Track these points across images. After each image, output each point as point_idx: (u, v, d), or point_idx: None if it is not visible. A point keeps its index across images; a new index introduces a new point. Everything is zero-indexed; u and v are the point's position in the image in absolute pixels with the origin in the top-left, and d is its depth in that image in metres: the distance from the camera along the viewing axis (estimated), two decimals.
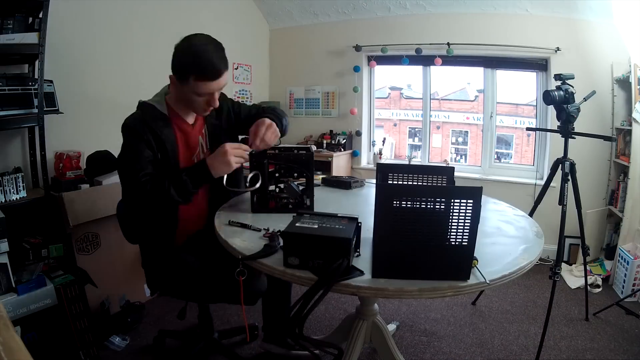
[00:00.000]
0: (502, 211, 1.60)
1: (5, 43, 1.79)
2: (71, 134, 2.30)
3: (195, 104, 1.35)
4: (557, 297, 2.22)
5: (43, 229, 1.95)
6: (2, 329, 0.48)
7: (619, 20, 2.73)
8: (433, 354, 1.93)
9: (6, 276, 1.63)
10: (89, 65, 2.43)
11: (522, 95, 3.42)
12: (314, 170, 1.46)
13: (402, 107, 3.96)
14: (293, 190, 1.45)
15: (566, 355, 1.91)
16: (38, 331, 1.73)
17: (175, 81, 1.31)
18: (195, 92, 1.30)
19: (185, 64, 1.27)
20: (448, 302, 2.41)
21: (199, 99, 1.33)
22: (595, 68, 2.87)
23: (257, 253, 1.08)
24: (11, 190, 1.88)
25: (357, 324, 1.55)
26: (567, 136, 2.04)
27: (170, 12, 2.90)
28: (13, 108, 1.87)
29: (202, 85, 1.28)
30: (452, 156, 3.84)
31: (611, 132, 2.88)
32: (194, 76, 1.27)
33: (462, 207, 0.91)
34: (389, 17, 3.49)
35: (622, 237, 2.64)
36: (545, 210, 2.23)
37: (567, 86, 2.01)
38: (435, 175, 1.44)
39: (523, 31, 3.04)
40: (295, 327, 1.02)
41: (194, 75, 1.26)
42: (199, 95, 1.31)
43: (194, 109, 1.40)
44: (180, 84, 1.30)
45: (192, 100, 1.33)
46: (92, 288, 1.95)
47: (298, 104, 4.03)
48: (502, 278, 0.99)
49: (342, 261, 0.94)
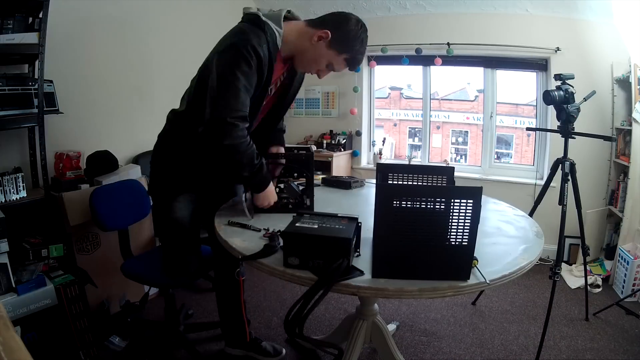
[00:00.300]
0: (502, 211, 1.60)
1: (5, 43, 1.79)
2: (71, 134, 2.30)
3: (312, 64, 1.36)
4: (557, 297, 2.22)
5: (43, 229, 1.95)
6: (2, 329, 0.48)
7: (619, 20, 2.73)
8: (433, 354, 1.93)
9: (6, 276, 1.63)
10: (89, 65, 2.43)
11: (522, 95, 3.41)
12: (314, 170, 1.47)
13: (402, 107, 3.96)
14: (293, 190, 1.46)
15: (566, 355, 1.91)
16: (38, 331, 1.73)
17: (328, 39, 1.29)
18: (329, 62, 1.33)
19: (351, 45, 1.31)
20: (448, 302, 2.41)
21: (322, 67, 1.35)
22: (595, 68, 2.87)
23: (257, 253, 1.09)
24: (11, 190, 1.88)
25: (357, 324, 1.55)
26: (567, 136, 2.04)
27: (170, 12, 2.90)
28: (13, 108, 1.87)
29: (341, 65, 1.34)
30: (452, 156, 3.84)
31: (611, 132, 2.87)
32: (347, 57, 1.33)
33: (462, 207, 0.91)
34: (389, 17, 3.49)
35: (622, 237, 2.64)
36: (545, 210, 2.23)
37: (567, 86, 2.01)
38: (435, 175, 1.44)
39: (523, 31, 3.04)
40: (295, 327, 1.02)
41: (349, 57, 1.33)
42: (328, 65, 1.35)
43: (304, 64, 1.38)
44: (329, 46, 1.30)
45: (316, 61, 1.34)
46: (92, 288, 1.95)
47: (298, 104, 4.02)
48: (502, 278, 0.99)
49: (342, 261, 0.94)
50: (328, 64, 1.35)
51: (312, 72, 1.40)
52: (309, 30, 1.33)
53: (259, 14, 1.28)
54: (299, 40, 1.34)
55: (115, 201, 1.93)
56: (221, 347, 1.91)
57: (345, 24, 1.31)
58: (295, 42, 1.34)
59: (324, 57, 1.33)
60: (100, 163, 2.20)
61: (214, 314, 2.17)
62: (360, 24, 1.33)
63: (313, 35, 1.30)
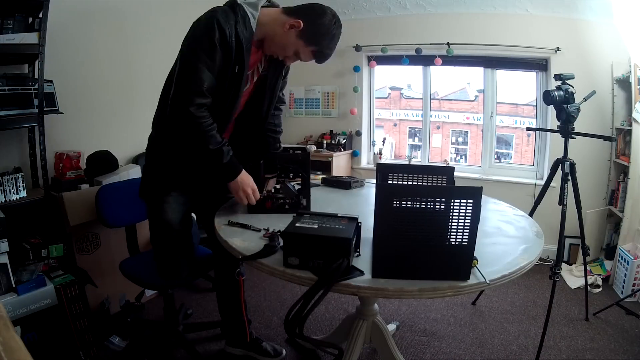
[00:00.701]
0: (502, 211, 1.60)
1: (5, 43, 1.79)
2: (71, 134, 2.30)
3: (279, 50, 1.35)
4: (557, 297, 2.22)
5: (43, 229, 1.95)
6: (2, 329, 0.48)
7: (619, 20, 2.73)
8: (433, 354, 1.93)
9: (6, 276, 1.63)
10: (89, 65, 2.43)
11: (522, 95, 3.41)
12: (314, 170, 1.47)
13: (402, 107, 3.96)
14: (289, 191, 1.46)
15: (566, 355, 1.91)
16: (38, 331, 1.73)
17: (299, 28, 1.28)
18: (297, 52, 1.33)
19: (320, 38, 1.30)
20: (448, 302, 2.41)
21: (290, 55, 1.34)
22: (595, 68, 2.87)
23: (257, 253, 1.09)
24: (11, 190, 1.88)
25: (357, 324, 1.55)
26: (567, 136, 2.04)
27: (170, 11, 2.90)
28: (13, 108, 1.86)
29: (308, 56, 1.34)
30: (452, 156, 3.83)
31: (611, 132, 2.87)
32: (315, 50, 1.32)
33: (462, 207, 0.91)
34: (389, 17, 3.49)
35: (622, 237, 2.64)
36: (545, 210, 2.23)
37: (567, 86, 2.01)
38: (435, 175, 1.44)
39: (523, 31, 3.04)
40: (296, 327, 1.02)
41: (316, 49, 1.31)
42: (294, 52, 1.33)
43: (272, 48, 1.36)
44: (298, 35, 1.29)
45: (283, 47, 1.33)
46: (92, 288, 1.95)
47: (298, 104, 4.03)
48: (502, 278, 0.99)
49: (342, 261, 0.94)
50: (295, 53, 1.34)
51: (279, 56, 1.38)
52: (283, 17, 1.32)
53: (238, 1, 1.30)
54: (272, 24, 1.33)
55: (121, 198, 1.94)
56: (221, 347, 1.91)
57: (319, 17, 1.30)
58: (267, 25, 1.33)
59: (292, 45, 1.32)
60: (100, 163, 2.20)
61: (213, 313, 2.18)
62: (335, 20, 1.32)
63: (286, 22, 1.30)
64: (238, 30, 1.23)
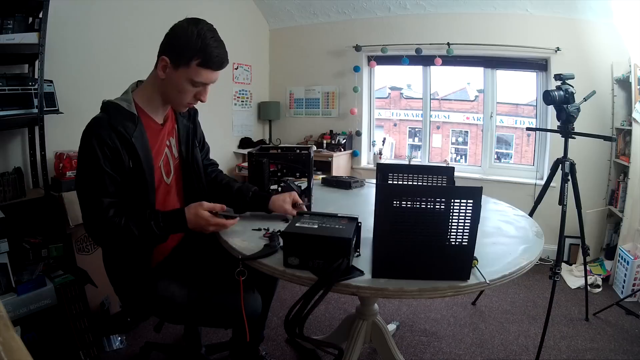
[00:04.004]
0: (502, 211, 1.60)
1: (5, 43, 1.79)
2: (71, 134, 2.28)
3: (182, 95, 1.22)
4: (557, 297, 2.22)
5: (43, 229, 1.95)
6: (2, 329, 0.48)
7: (619, 20, 2.73)
8: (433, 354, 1.93)
9: (6, 276, 1.63)
10: (89, 65, 2.43)
11: (522, 95, 3.42)
12: (315, 170, 1.47)
13: (402, 107, 3.96)
14: (292, 190, 1.46)
15: (566, 355, 1.91)
16: (38, 331, 1.73)
17: (168, 64, 1.16)
18: (190, 80, 1.18)
19: (192, 46, 1.14)
20: (448, 302, 2.41)
21: (190, 90, 1.21)
22: (595, 68, 2.87)
23: (257, 253, 1.08)
24: (11, 190, 1.88)
25: (357, 324, 1.55)
26: (567, 136, 2.04)
27: (170, 11, 2.90)
28: (13, 108, 1.87)
29: (204, 72, 1.18)
30: (452, 156, 3.84)
31: (611, 132, 2.87)
32: (199, 61, 1.15)
33: (462, 207, 0.91)
34: (389, 17, 3.49)
35: (622, 237, 2.64)
36: (545, 210, 2.23)
37: (567, 86, 2.01)
38: (435, 175, 1.44)
39: (523, 31, 3.04)
40: (296, 327, 1.02)
41: (199, 60, 1.15)
42: (194, 84, 1.19)
43: (177, 101, 1.25)
44: (175, 68, 1.16)
45: (180, 89, 1.20)
46: (92, 288, 1.95)
47: (298, 104, 4.03)
48: (502, 278, 0.99)
49: (342, 261, 0.94)
50: (192, 83, 1.19)
51: (191, 102, 1.25)
52: (155, 71, 1.22)
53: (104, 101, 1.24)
54: (153, 87, 1.24)
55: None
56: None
57: (174, 35, 1.17)
58: (152, 92, 1.25)
59: (181, 80, 1.18)
60: None
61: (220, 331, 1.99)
62: (189, 22, 1.18)
63: (158, 71, 1.19)
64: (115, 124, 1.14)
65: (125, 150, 1.15)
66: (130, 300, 1.33)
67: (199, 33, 1.16)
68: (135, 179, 1.17)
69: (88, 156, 1.13)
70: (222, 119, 3.62)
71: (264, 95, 4.09)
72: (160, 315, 1.34)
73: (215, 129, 3.51)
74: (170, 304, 1.25)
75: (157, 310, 1.30)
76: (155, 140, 1.26)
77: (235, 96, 3.72)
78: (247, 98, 3.85)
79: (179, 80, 1.18)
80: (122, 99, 1.23)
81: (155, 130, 1.27)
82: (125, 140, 1.15)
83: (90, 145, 1.12)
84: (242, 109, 3.83)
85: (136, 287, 1.27)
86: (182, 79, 1.18)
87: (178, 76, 1.18)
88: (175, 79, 1.18)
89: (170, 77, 1.19)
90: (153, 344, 1.91)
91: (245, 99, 3.84)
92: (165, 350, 1.91)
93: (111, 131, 1.14)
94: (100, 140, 1.12)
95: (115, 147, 1.13)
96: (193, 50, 1.15)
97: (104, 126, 1.14)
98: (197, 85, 1.21)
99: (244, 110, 3.85)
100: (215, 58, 1.18)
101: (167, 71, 1.18)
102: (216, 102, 3.43)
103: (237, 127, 3.79)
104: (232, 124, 3.73)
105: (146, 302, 1.28)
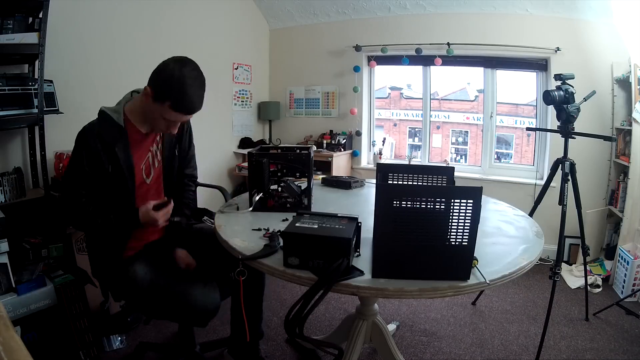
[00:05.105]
0: (502, 211, 1.60)
1: (5, 43, 1.80)
2: (71, 134, 2.27)
3: (156, 123, 1.35)
4: (557, 297, 2.22)
5: (43, 229, 1.95)
6: (2, 329, 0.48)
7: (619, 20, 2.73)
8: (433, 354, 1.93)
9: (6, 276, 1.64)
10: (89, 65, 2.43)
11: (522, 95, 3.42)
12: (315, 170, 1.47)
13: (402, 107, 3.96)
14: (292, 190, 1.46)
15: (566, 355, 1.91)
16: (38, 331, 1.73)
17: (150, 95, 1.28)
18: (162, 116, 1.30)
19: (168, 89, 1.25)
20: (448, 302, 2.41)
21: (162, 122, 1.32)
22: (595, 68, 2.87)
23: (257, 253, 1.09)
24: (11, 190, 1.88)
25: (357, 324, 1.55)
26: (567, 136, 2.04)
27: (170, 12, 2.90)
28: (13, 108, 1.87)
29: (174, 114, 1.29)
30: (452, 156, 3.83)
31: (611, 132, 2.87)
32: (171, 104, 1.26)
33: (462, 207, 0.91)
34: (389, 17, 3.49)
35: (622, 237, 2.64)
36: (545, 210, 2.23)
37: (567, 86, 2.01)
38: (435, 175, 1.44)
39: (523, 31, 3.04)
40: (296, 327, 1.02)
41: (170, 102, 1.26)
42: (165, 119, 1.31)
43: (152, 125, 1.38)
44: (153, 100, 1.28)
45: (154, 118, 1.33)
46: (92, 288, 1.95)
47: (298, 104, 4.03)
48: (502, 278, 0.99)
49: (342, 261, 0.94)
50: (163, 117, 1.30)
51: (164, 130, 1.38)
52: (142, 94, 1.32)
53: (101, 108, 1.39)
54: (140, 104, 1.35)
55: None
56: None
57: (160, 71, 1.27)
58: (138, 107, 1.37)
59: (156, 112, 1.30)
60: None
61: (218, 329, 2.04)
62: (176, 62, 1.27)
63: (143, 96, 1.31)
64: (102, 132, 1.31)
65: (107, 156, 1.32)
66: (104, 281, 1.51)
67: (179, 77, 1.25)
68: (116, 180, 1.34)
69: (75, 155, 1.33)
70: (222, 119, 3.62)
71: (264, 95, 4.09)
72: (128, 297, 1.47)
73: (215, 129, 3.51)
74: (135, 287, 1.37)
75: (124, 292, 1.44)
76: (138, 147, 1.41)
77: (235, 96, 3.72)
78: (247, 98, 3.85)
79: (154, 112, 1.31)
80: (113, 110, 1.38)
81: (139, 139, 1.42)
82: (109, 147, 1.32)
83: (78, 147, 1.33)
84: (242, 109, 3.83)
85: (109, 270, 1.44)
86: (156, 112, 1.30)
87: (154, 108, 1.30)
88: (152, 109, 1.31)
89: (149, 106, 1.31)
90: (147, 343, 1.92)
91: (245, 99, 3.84)
92: (160, 350, 1.92)
93: (96, 138, 1.31)
94: (86, 144, 1.31)
95: (97, 152, 1.30)
96: (168, 92, 1.26)
97: (92, 132, 1.32)
98: (168, 121, 1.33)
99: (244, 110, 3.85)
100: (186, 104, 1.28)
101: (148, 100, 1.30)
102: (216, 102, 3.43)
103: (237, 127, 3.79)
104: (232, 124, 3.73)
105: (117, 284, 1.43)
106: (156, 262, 1.44)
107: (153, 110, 1.30)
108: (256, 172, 1.45)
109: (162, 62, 1.29)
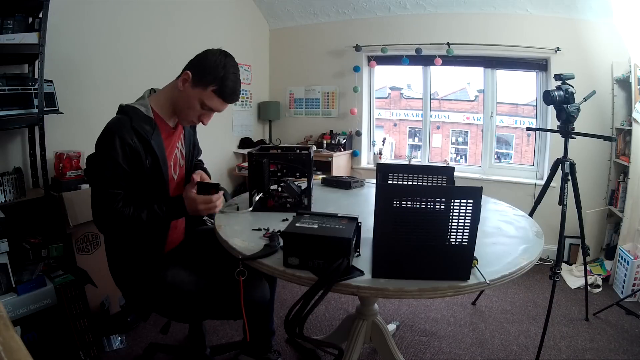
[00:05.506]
0: (502, 211, 1.60)
1: (5, 43, 1.79)
2: (71, 134, 2.30)
3: (189, 111, 1.32)
4: (557, 297, 2.22)
5: (43, 229, 1.95)
6: (2, 329, 0.48)
7: (619, 20, 2.73)
8: (433, 354, 1.93)
9: (6, 276, 1.64)
10: (89, 66, 2.43)
11: (522, 95, 3.42)
12: (315, 170, 1.47)
13: (402, 107, 3.96)
14: (292, 190, 1.46)
15: (566, 355, 1.91)
16: (38, 331, 1.73)
17: (190, 80, 1.27)
18: (201, 101, 1.28)
19: (215, 73, 1.26)
20: (448, 302, 2.41)
21: (198, 110, 1.31)
22: (595, 68, 2.87)
23: (257, 253, 1.09)
24: (11, 190, 1.88)
25: (357, 324, 1.55)
26: (567, 136, 2.04)
27: (170, 12, 2.90)
28: (13, 108, 1.87)
29: (215, 100, 1.29)
30: (452, 156, 3.84)
31: (611, 132, 2.87)
32: (215, 89, 1.26)
33: (462, 207, 0.91)
34: (389, 17, 3.49)
35: (622, 237, 2.64)
36: (545, 210, 2.23)
37: (567, 86, 2.01)
38: (435, 175, 1.44)
39: (523, 31, 3.04)
40: (296, 327, 1.02)
41: (216, 87, 1.26)
42: (203, 106, 1.29)
43: (183, 115, 1.35)
44: (193, 85, 1.27)
45: (190, 105, 1.30)
46: (92, 288, 1.95)
47: (298, 104, 4.03)
48: (502, 278, 0.99)
49: (342, 261, 0.94)
50: (202, 104, 1.29)
51: (194, 120, 1.36)
52: (175, 81, 1.32)
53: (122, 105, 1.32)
54: (170, 94, 1.34)
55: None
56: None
57: (204, 57, 1.29)
58: (167, 99, 1.34)
59: (194, 98, 1.28)
60: None
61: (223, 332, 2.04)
62: (221, 52, 1.30)
63: (178, 82, 1.30)
64: (136, 126, 1.24)
65: (144, 150, 1.25)
66: (136, 292, 1.37)
67: (225, 64, 1.27)
68: (154, 175, 1.29)
69: (108, 153, 1.21)
70: (222, 119, 3.61)
71: (264, 95, 4.09)
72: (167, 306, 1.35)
73: (215, 129, 3.51)
74: (179, 292, 1.30)
75: (164, 301, 1.33)
76: (168, 141, 1.37)
77: None
78: (247, 98, 3.85)
79: (192, 98, 1.29)
80: (139, 103, 1.33)
81: (169, 133, 1.38)
82: (145, 141, 1.26)
83: (112, 144, 1.20)
84: (242, 109, 3.83)
85: (144, 277, 1.32)
86: (195, 98, 1.28)
87: (193, 94, 1.28)
88: (189, 95, 1.28)
89: (186, 91, 1.29)
90: (157, 345, 1.90)
91: (245, 99, 3.84)
92: (170, 352, 1.90)
93: (133, 133, 1.24)
94: (122, 140, 1.21)
95: (136, 147, 1.23)
96: (214, 77, 1.26)
97: (127, 127, 1.23)
98: (205, 108, 1.31)
99: (244, 110, 3.85)
100: (229, 91, 1.29)
101: (185, 85, 1.28)
102: None
103: (237, 127, 3.79)
104: (232, 124, 3.73)
105: (154, 292, 1.32)
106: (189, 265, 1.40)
107: (190, 96, 1.28)
108: (256, 172, 1.45)
109: (204, 51, 1.30)
